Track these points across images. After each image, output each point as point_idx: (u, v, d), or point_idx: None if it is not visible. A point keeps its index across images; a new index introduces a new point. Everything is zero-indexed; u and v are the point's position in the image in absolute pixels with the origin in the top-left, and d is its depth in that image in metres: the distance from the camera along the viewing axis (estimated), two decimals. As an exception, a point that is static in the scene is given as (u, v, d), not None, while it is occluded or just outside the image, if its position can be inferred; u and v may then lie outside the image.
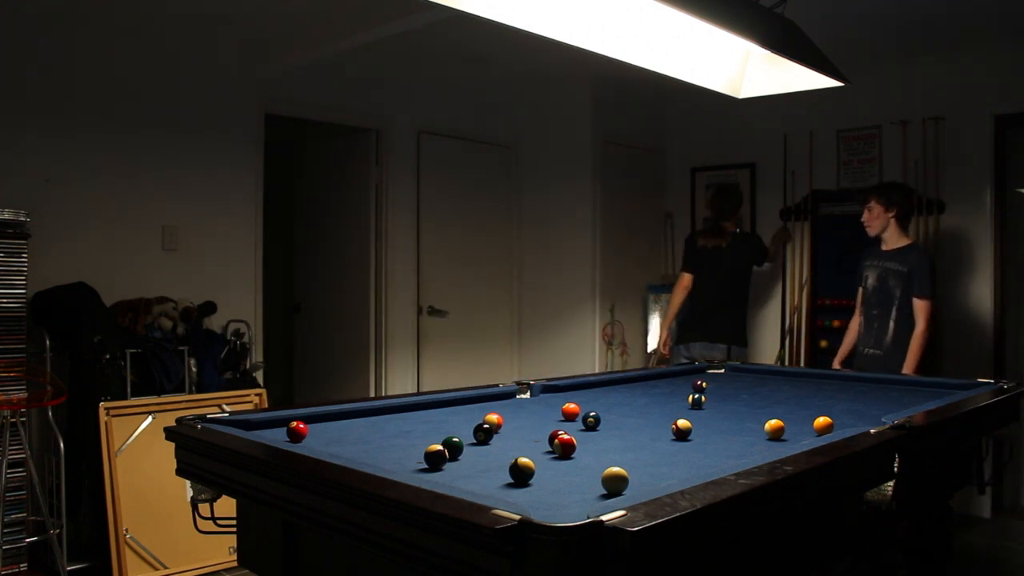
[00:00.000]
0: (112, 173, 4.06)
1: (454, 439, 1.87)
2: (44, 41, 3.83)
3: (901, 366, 3.94)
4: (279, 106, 4.76)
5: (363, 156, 5.27)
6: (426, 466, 1.77)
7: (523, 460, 1.63)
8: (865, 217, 4.15)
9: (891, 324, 4.06)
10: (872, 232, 4.16)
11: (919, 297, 3.98)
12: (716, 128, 5.74)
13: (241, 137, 4.54)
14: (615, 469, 1.54)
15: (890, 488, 1.94)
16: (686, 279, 4.97)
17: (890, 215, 4.09)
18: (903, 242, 4.13)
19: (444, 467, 1.78)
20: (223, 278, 4.44)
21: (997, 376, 4.48)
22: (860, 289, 4.24)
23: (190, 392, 3.93)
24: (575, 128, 5.66)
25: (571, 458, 1.89)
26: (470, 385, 2.94)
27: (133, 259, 4.10)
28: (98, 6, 3.95)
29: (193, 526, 2.08)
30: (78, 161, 3.93)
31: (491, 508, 1.29)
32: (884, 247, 4.17)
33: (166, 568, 3.62)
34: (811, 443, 1.95)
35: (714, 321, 4.85)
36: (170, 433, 2.09)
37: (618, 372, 3.89)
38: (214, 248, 4.42)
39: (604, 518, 1.26)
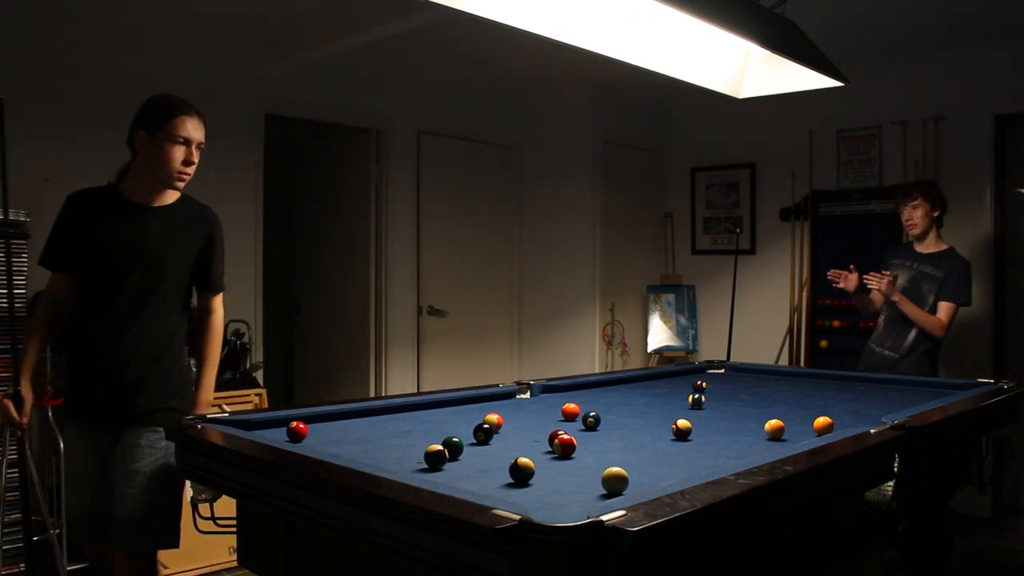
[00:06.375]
0: (112, 173, 4.04)
1: (454, 439, 1.87)
2: (44, 41, 3.82)
3: (912, 371, 3.76)
4: (279, 106, 4.76)
5: (363, 156, 5.27)
6: (426, 466, 1.77)
7: (523, 460, 1.64)
8: (909, 215, 3.87)
9: (914, 330, 3.84)
10: (917, 231, 3.88)
11: (946, 300, 3.78)
12: (716, 128, 5.74)
13: (241, 137, 4.54)
14: (615, 469, 1.55)
15: (890, 488, 1.94)
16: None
17: (935, 214, 3.86)
18: (941, 247, 3.90)
19: (444, 467, 1.78)
20: (223, 278, 4.43)
21: (997, 376, 4.49)
22: None
23: (190, 392, 3.92)
24: (575, 128, 5.66)
25: (571, 458, 1.89)
26: (470, 385, 2.94)
27: (133, 259, 4.09)
28: (98, 6, 3.94)
29: (193, 526, 2.08)
30: (78, 161, 3.93)
31: (491, 508, 1.30)
32: (920, 248, 3.92)
33: (166, 568, 3.61)
34: (811, 443, 1.95)
35: None
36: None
37: (618, 372, 3.89)
38: (214, 248, 4.41)
39: (604, 518, 1.26)
